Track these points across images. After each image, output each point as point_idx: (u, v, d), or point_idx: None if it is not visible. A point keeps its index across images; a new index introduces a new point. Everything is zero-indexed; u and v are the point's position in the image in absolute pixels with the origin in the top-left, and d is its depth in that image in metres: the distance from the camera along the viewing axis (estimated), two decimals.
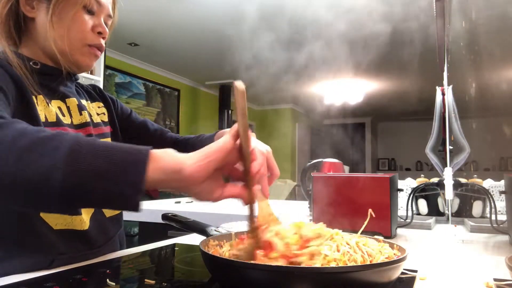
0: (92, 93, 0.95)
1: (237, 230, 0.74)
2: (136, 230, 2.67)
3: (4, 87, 0.65)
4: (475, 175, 1.51)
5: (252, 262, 0.52)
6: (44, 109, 0.74)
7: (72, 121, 0.80)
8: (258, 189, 0.56)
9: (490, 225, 1.15)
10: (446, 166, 1.26)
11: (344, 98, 6.07)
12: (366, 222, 0.68)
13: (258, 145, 0.60)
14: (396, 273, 0.53)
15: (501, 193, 1.25)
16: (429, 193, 1.48)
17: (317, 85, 5.97)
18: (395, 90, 6.46)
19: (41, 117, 0.72)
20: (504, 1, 2.96)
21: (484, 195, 1.34)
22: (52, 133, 0.47)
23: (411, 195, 1.30)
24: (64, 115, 0.79)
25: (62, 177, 0.43)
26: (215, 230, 0.76)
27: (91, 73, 3.42)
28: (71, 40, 0.77)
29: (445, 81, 1.40)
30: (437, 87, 1.48)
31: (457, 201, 1.46)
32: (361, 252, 0.54)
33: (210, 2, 3.40)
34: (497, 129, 6.14)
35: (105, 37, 0.82)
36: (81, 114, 0.83)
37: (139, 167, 0.45)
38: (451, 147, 1.35)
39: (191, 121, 6.25)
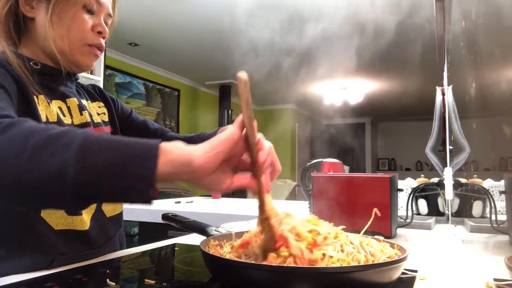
0: (93, 93, 0.95)
1: (237, 230, 0.74)
2: (136, 230, 2.67)
3: (7, 86, 0.65)
4: (475, 175, 1.51)
5: (252, 262, 0.52)
6: (45, 109, 0.74)
7: (72, 121, 0.80)
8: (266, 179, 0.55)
9: (490, 225, 1.15)
10: (446, 166, 1.26)
11: (344, 98, 6.08)
12: (370, 222, 0.68)
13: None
14: (396, 273, 0.53)
15: (501, 193, 1.25)
16: (429, 193, 1.47)
17: (317, 85, 5.98)
18: (395, 90, 6.46)
19: (42, 117, 0.72)
20: (504, 1, 2.96)
21: (484, 195, 1.34)
22: (61, 130, 0.47)
23: (411, 195, 1.30)
24: (64, 115, 0.78)
25: (74, 173, 0.44)
26: (215, 230, 0.76)
27: (91, 73, 3.41)
28: (71, 40, 0.76)
29: (445, 81, 1.39)
30: (437, 87, 1.48)
31: (457, 201, 1.46)
32: (365, 252, 0.54)
33: (210, 2, 3.40)
34: (497, 129, 6.15)
35: (105, 36, 0.81)
36: (81, 114, 0.82)
37: (149, 161, 0.45)
38: (451, 147, 1.35)
39: (191, 121, 6.26)
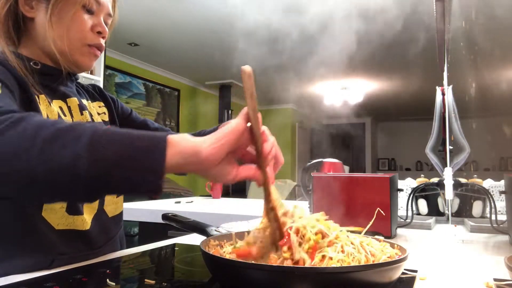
0: (93, 93, 0.95)
1: (237, 230, 0.73)
2: (136, 230, 2.67)
3: (9, 84, 0.66)
4: (475, 175, 1.51)
5: (252, 262, 0.52)
6: (46, 108, 0.74)
7: (73, 120, 0.80)
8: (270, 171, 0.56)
9: (490, 225, 1.15)
10: (446, 166, 1.26)
11: (344, 98, 6.08)
12: (372, 221, 0.68)
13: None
14: (397, 273, 0.53)
15: (501, 193, 1.25)
16: (429, 193, 1.47)
17: (317, 85, 5.98)
18: (395, 90, 6.47)
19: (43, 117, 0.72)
20: (504, 1, 2.96)
21: (484, 195, 1.34)
22: (70, 124, 0.48)
23: (411, 195, 1.30)
24: (65, 114, 0.78)
25: (86, 166, 0.44)
26: (215, 230, 0.76)
27: (91, 73, 3.42)
28: (70, 40, 0.76)
29: (445, 81, 1.39)
30: (437, 87, 1.48)
31: (457, 201, 1.45)
32: (365, 252, 0.54)
33: (210, 2, 3.40)
34: (497, 129, 6.15)
35: (104, 36, 0.81)
36: (82, 114, 0.82)
37: (158, 153, 0.46)
38: (451, 147, 1.35)
39: (191, 121, 6.26)
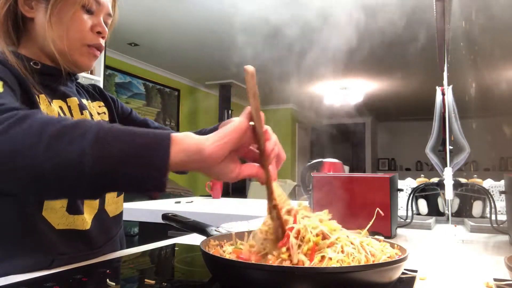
0: (93, 93, 0.95)
1: (237, 230, 0.73)
2: (136, 230, 2.67)
3: (11, 83, 0.66)
4: (475, 175, 1.51)
5: (252, 262, 0.52)
6: (46, 108, 0.74)
7: None
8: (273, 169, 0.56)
9: (490, 225, 1.15)
10: (446, 166, 1.26)
11: (344, 98, 6.08)
12: (372, 222, 0.68)
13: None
14: (397, 273, 0.53)
15: (501, 193, 1.25)
16: (429, 193, 1.47)
17: (317, 85, 5.98)
18: (395, 90, 6.47)
19: None
20: (504, 1, 2.96)
21: (484, 195, 1.34)
22: (75, 121, 0.48)
23: (411, 195, 1.30)
24: (65, 114, 0.78)
25: (91, 163, 0.45)
26: (215, 230, 0.76)
27: (91, 73, 3.42)
28: (70, 40, 0.76)
29: (445, 81, 1.39)
30: (437, 87, 1.48)
31: (457, 201, 1.45)
32: (365, 252, 0.53)
33: (210, 2, 3.40)
34: (497, 129, 6.15)
35: (104, 36, 0.81)
36: (82, 114, 0.82)
37: (162, 151, 0.47)
38: (451, 147, 1.35)
39: (191, 121, 6.26)
